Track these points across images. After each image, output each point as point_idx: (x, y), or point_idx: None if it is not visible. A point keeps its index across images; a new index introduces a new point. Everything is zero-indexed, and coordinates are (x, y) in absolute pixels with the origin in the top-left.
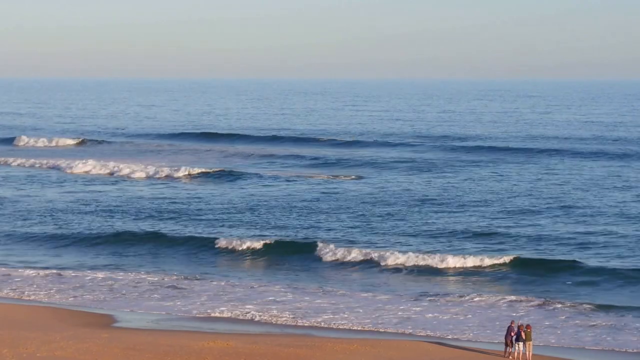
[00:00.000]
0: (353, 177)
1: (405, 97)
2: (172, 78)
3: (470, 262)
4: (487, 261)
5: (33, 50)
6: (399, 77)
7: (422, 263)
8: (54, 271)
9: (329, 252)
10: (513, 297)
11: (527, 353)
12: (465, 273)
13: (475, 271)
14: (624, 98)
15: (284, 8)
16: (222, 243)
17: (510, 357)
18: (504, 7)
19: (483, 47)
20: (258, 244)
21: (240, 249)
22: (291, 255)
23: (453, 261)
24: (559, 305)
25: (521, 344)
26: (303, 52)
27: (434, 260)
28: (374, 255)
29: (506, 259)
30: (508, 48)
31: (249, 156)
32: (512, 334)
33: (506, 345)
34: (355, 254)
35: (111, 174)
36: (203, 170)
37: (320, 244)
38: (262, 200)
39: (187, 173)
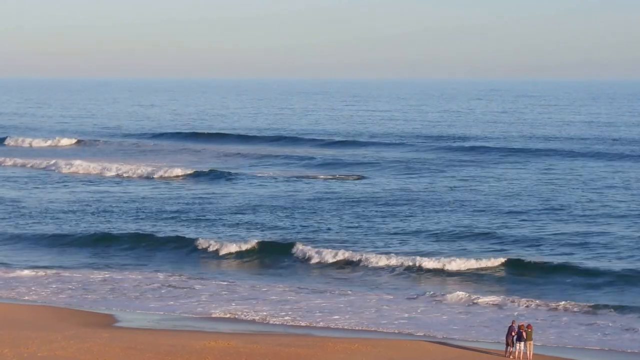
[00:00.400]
0: (353, 177)
1: (405, 97)
2: (172, 78)
3: (471, 262)
4: (488, 261)
5: (33, 50)
6: (399, 77)
7: (422, 263)
8: (54, 271)
9: (329, 253)
10: (513, 297)
11: (528, 353)
12: (465, 273)
13: (476, 271)
14: (624, 98)
15: (284, 8)
16: (222, 243)
17: (511, 357)
18: (504, 7)
19: (483, 47)
20: (258, 244)
21: (240, 249)
22: (291, 255)
23: (454, 261)
24: (559, 305)
25: (522, 343)
26: (303, 52)
27: (434, 261)
28: (375, 255)
29: (506, 259)
30: (508, 48)
31: (248, 156)
32: (513, 333)
33: (507, 344)
34: (355, 254)
35: (102, 173)
36: (201, 170)
37: (320, 245)
38: (261, 201)
39: (184, 173)
